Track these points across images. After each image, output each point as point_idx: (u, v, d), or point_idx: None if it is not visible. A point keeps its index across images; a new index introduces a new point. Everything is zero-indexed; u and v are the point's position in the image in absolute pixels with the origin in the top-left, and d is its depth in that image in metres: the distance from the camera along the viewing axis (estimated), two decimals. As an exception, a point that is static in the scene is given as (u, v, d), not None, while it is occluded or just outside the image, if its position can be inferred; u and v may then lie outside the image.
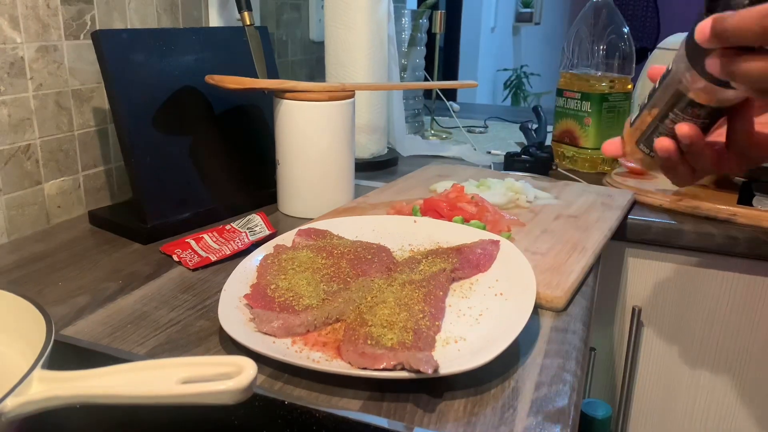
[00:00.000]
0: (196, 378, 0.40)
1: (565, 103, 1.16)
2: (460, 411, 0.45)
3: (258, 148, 0.91)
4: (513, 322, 0.51)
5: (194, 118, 0.85)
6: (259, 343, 0.50)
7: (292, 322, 0.52)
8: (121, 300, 0.62)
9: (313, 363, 0.48)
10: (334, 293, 0.56)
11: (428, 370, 0.44)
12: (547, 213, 0.83)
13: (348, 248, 0.64)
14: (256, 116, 0.93)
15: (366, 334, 0.50)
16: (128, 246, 0.76)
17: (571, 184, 0.97)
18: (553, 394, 0.48)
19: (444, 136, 1.43)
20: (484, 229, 0.71)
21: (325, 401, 0.46)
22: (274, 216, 0.86)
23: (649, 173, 1.04)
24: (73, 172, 0.84)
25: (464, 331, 0.52)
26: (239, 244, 0.72)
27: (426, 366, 0.44)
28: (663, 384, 0.96)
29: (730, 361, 0.91)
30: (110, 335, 0.55)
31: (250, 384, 0.38)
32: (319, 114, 0.82)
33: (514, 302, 0.55)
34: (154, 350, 0.53)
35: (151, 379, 0.39)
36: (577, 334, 0.57)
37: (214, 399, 0.38)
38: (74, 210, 0.85)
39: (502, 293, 0.57)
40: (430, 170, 1.04)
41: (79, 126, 0.84)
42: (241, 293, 0.57)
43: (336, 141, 0.84)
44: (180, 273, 0.68)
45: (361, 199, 0.88)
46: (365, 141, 1.12)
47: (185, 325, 0.57)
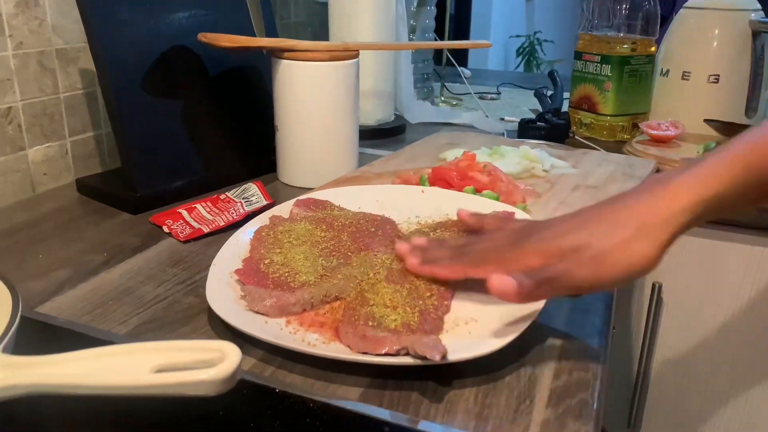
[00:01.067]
0: (172, 365, 0.35)
1: (584, 67, 1.09)
2: (471, 401, 0.41)
3: (255, 112, 0.86)
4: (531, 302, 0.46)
5: (187, 80, 0.79)
6: (250, 323, 0.46)
7: (287, 301, 0.48)
8: (105, 274, 0.57)
9: (308, 346, 0.43)
10: (333, 269, 0.51)
11: (435, 357, 0.39)
12: (565, 183, 0.78)
13: (350, 220, 0.59)
14: (253, 78, 0.87)
15: (367, 314, 0.45)
16: (117, 216, 0.71)
17: (589, 153, 0.91)
18: (574, 382, 0.43)
19: (454, 102, 1.36)
20: (497, 200, 0.66)
21: (321, 389, 0.42)
22: (273, 185, 0.81)
23: (673, 141, 0.98)
24: (59, 138, 0.79)
25: (475, 312, 0.47)
26: (234, 215, 0.68)
27: (433, 352, 0.40)
28: (682, 363, 0.91)
29: (755, 340, 0.86)
30: (90, 313, 0.51)
31: (233, 373, 0.34)
32: (320, 75, 0.76)
33: None
34: (137, 329, 0.48)
35: (120, 366, 0.35)
36: (600, 315, 0.52)
37: (192, 390, 0.33)
38: (62, 178, 0.81)
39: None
40: (440, 138, 0.98)
41: (65, 88, 0.79)
42: (232, 268, 0.52)
43: (339, 105, 0.78)
44: (170, 245, 0.63)
45: (366, 168, 0.82)
46: (370, 107, 1.06)
47: (172, 302, 0.53)
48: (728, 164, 0.41)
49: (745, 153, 0.41)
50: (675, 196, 0.41)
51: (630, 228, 0.41)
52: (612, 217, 0.42)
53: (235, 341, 0.46)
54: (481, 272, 0.45)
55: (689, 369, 0.91)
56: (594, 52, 1.07)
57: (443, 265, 0.48)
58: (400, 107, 1.17)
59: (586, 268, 0.41)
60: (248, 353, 0.45)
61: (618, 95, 1.05)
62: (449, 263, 0.48)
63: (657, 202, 0.42)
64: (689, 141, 0.98)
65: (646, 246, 0.40)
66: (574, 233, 0.43)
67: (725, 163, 0.41)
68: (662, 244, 0.41)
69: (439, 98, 1.37)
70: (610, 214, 0.43)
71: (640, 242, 0.41)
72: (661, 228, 0.41)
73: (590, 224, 0.43)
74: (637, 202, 0.42)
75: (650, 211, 0.41)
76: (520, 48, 3.34)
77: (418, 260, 0.50)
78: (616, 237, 0.41)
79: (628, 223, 0.41)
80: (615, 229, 0.41)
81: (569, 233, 0.43)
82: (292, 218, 0.61)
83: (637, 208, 0.42)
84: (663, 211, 0.41)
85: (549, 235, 0.44)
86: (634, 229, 0.41)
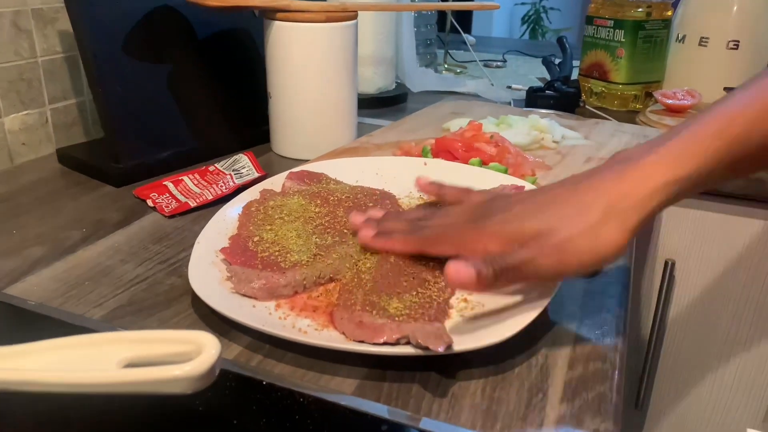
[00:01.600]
0: (143, 359, 0.31)
1: (596, 32, 1.04)
2: (478, 395, 0.37)
3: (247, 78, 0.81)
4: (541, 284, 0.42)
5: (173, 43, 0.74)
6: (236, 307, 0.42)
7: (277, 282, 0.44)
8: (83, 252, 0.53)
9: (299, 333, 0.39)
10: (327, 247, 0.47)
11: (439, 348, 0.35)
12: (576, 155, 0.73)
13: (347, 194, 0.55)
14: (244, 42, 0.81)
15: (365, 299, 0.41)
16: (99, 189, 0.67)
17: (601, 123, 0.87)
18: (591, 374, 0.39)
19: (458, 70, 1.30)
20: (505, 172, 0.61)
21: (313, 380, 0.38)
22: (266, 157, 0.77)
23: (688, 111, 0.93)
24: (38, 105, 0.74)
25: (483, 296, 0.43)
26: (223, 188, 0.63)
27: (437, 342, 0.36)
28: (694, 342, 0.88)
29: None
30: (64, 294, 0.47)
31: (211, 368, 0.30)
32: (316, 38, 0.71)
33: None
34: (114, 313, 0.44)
35: (84, 360, 0.31)
36: (616, 298, 0.48)
37: (164, 387, 0.30)
38: (42, 148, 0.76)
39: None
40: (443, 107, 0.93)
41: (42, 52, 0.74)
42: (218, 246, 0.48)
43: (336, 70, 0.73)
44: (154, 220, 0.59)
45: (365, 139, 0.78)
46: (370, 74, 1.01)
47: (153, 283, 0.48)
48: (707, 139, 0.37)
49: (725, 126, 0.37)
50: (646, 177, 0.37)
51: (597, 212, 0.37)
52: (577, 199, 0.38)
53: (220, 327, 0.43)
54: (437, 250, 0.43)
55: (701, 348, 0.88)
56: (606, 17, 1.01)
57: (397, 239, 0.45)
58: (401, 75, 1.11)
59: (550, 256, 0.37)
60: (234, 340, 0.41)
61: (631, 62, 0.99)
62: (403, 237, 0.45)
63: (626, 184, 0.38)
64: (706, 111, 0.93)
65: (614, 232, 0.37)
66: (536, 216, 0.39)
67: (702, 138, 0.37)
68: (631, 228, 0.37)
69: (442, 66, 1.31)
70: (575, 196, 0.39)
71: (607, 228, 0.37)
72: (630, 212, 0.37)
73: (554, 206, 0.39)
74: (605, 184, 0.38)
75: (619, 194, 0.37)
76: (525, 16, 3.25)
77: (371, 232, 0.46)
78: (582, 222, 0.37)
79: (595, 206, 0.37)
80: (581, 213, 0.38)
81: (532, 216, 0.39)
82: (285, 192, 0.57)
83: (605, 190, 0.38)
84: (633, 194, 0.37)
85: (510, 217, 0.40)
86: (602, 213, 0.37)
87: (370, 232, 0.46)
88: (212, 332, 0.41)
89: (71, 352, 0.31)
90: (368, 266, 0.45)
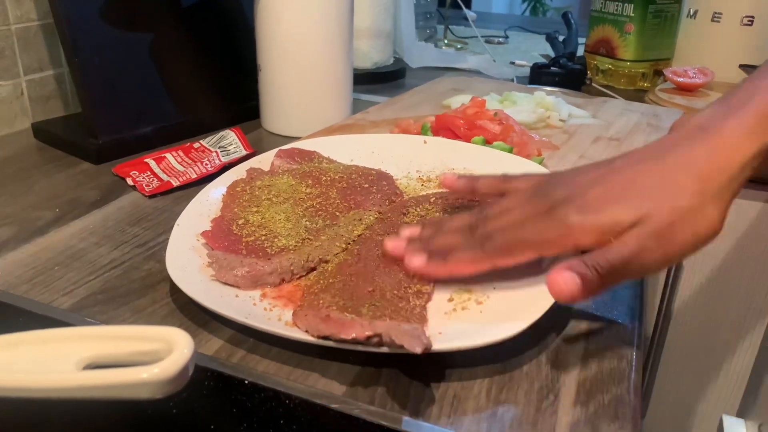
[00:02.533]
0: (106, 359, 0.27)
1: (603, 6, 0.99)
2: (482, 397, 0.33)
3: (235, 49, 0.76)
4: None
5: (155, 10, 0.69)
6: (217, 297, 0.38)
7: (262, 270, 0.40)
8: (54, 233, 0.49)
9: (285, 328, 0.36)
10: (317, 231, 0.43)
11: (416, 348, 0.31)
12: (584, 134, 0.69)
13: (340, 174, 0.51)
14: (233, 10, 0.76)
15: (332, 300, 0.37)
16: (76, 166, 0.63)
17: (609, 101, 0.82)
18: (606, 373, 0.36)
19: (459, 46, 1.25)
20: (510, 152, 0.57)
21: (301, 379, 0.34)
22: (256, 134, 0.72)
23: (700, 90, 0.89)
24: (12, 76, 0.70)
25: (485, 288, 0.40)
26: (208, 167, 0.59)
27: (413, 342, 0.31)
28: (698, 337, 0.85)
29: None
30: (30, 280, 0.43)
31: (182, 370, 0.26)
32: (309, 6, 0.66)
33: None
34: (83, 302, 0.41)
35: (40, 360, 0.27)
36: (630, 288, 0.44)
37: (129, 392, 0.26)
38: (17, 122, 0.71)
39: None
40: (444, 83, 0.89)
41: (16, 19, 0.69)
42: (199, 229, 0.44)
43: (330, 42, 0.68)
44: (133, 200, 0.55)
45: (360, 116, 0.73)
46: (367, 48, 0.96)
47: (129, 268, 0.45)
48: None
49: None
50: (735, 147, 0.33)
51: (692, 193, 0.33)
52: (668, 179, 0.34)
53: (199, 318, 0.39)
54: (516, 259, 0.37)
55: (706, 340, 0.85)
56: (615, -11, 0.96)
57: (461, 259, 0.38)
58: (399, 49, 1.06)
59: (653, 250, 0.33)
60: (215, 333, 0.38)
61: (640, 38, 0.95)
62: (468, 255, 0.37)
63: (716, 156, 0.34)
64: (718, 89, 0.89)
65: (712, 211, 0.33)
66: (626, 201, 0.34)
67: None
68: (727, 206, 0.33)
69: (442, 41, 1.26)
70: (664, 175, 0.34)
71: (706, 208, 0.33)
72: (725, 190, 0.33)
73: (643, 188, 0.34)
74: (695, 160, 0.34)
75: (711, 168, 0.33)
76: (526, -7, 3.18)
77: (422, 258, 0.39)
78: (680, 206, 0.33)
79: (689, 186, 0.33)
80: (676, 195, 0.33)
81: (620, 201, 0.34)
82: (273, 171, 0.53)
83: (696, 167, 0.34)
84: (726, 169, 0.33)
85: (590, 203, 0.35)
86: (698, 194, 0.33)
87: (421, 258, 0.38)
88: (191, 324, 0.38)
89: (25, 351, 0.27)
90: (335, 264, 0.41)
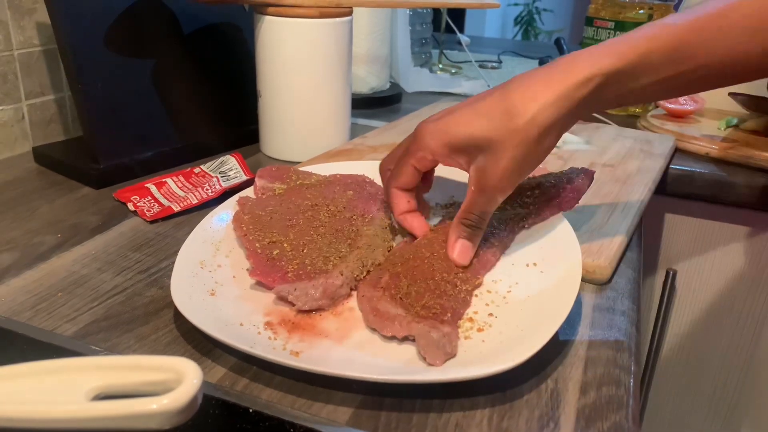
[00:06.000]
0: (115, 389, 0.28)
1: (595, 34, 1.01)
2: (484, 425, 0.34)
3: (235, 76, 0.77)
4: (553, 303, 0.39)
5: (157, 37, 0.70)
6: (222, 325, 0.38)
7: (334, 284, 0.41)
8: (57, 259, 0.50)
9: (289, 357, 0.36)
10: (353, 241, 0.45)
11: (436, 362, 0.34)
12: (578, 160, 0.71)
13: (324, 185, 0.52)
14: (233, 37, 0.78)
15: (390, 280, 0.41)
16: (76, 191, 0.63)
17: (602, 127, 0.84)
18: (605, 400, 0.36)
19: (454, 71, 1.27)
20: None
21: (305, 407, 0.35)
22: (255, 158, 0.73)
23: (691, 116, 0.90)
24: (13, 101, 0.70)
25: (487, 315, 0.40)
26: (209, 192, 0.60)
27: (435, 355, 0.35)
28: (691, 358, 0.86)
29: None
30: (33, 307, 0.43)
31: (192, 400, 0.27)
32: (308, 34, 0.67)
33: (552, 275, 0.43)
34: (87, 329, 0.41)
35: (49, 390, 0.27)
36: (627, 315, 0.45)
37: (139, 423, 0.26)
38: (18, 146, 0.72)
39: (536, 263, 0.45)
40: (439, 108, 0.90)
41: (19, 44, 0.70)
42: (201, 256, 0.45)
43: (329, 69, 0.69)
44: (134, 225, 0.56)
45: (359, 140, 0.74)
46: (364, 73, 0.97)
47: (132, 294, 0.45)
48: (640, 40, 0.39)
49: (658, 32, 0.39)
50: (571, 71, 0.38)
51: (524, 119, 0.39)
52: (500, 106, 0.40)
53: (203, 345, 0.39)
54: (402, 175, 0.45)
55: (698, 365, 0.85)
56: (607, 18, 0.98)
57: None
58: (395, 74, 1.08)
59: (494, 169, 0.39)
60: (218, 360, 0.38)
61: (631, 65, 0.97)
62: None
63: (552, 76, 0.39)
64: (708, 116, 0.91)
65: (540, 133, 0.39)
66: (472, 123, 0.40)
67: (634, 39, 0.39)
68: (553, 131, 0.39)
69: (437, 65, 1.28)
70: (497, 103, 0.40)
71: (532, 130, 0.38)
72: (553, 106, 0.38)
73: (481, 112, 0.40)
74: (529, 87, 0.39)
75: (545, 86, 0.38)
76: (518, 17, 3.23)
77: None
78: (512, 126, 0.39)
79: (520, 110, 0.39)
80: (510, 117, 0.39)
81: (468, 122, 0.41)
82: (262, 193, 0.52)
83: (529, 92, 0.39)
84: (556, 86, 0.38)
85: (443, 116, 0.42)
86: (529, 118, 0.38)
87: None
88: (194, 351, 0.39)
89: (33, 381, 0.28)
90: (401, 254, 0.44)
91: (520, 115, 0.38)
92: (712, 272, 0.81)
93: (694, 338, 0.85)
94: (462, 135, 0.40)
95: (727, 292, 0.81)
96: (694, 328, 0.84)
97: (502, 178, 0.39)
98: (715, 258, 0.80)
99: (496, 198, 0.41)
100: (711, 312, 0.83)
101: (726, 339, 0.83)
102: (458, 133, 0.40)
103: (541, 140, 0.38)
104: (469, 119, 0.40)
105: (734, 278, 0.80)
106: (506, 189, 0.41)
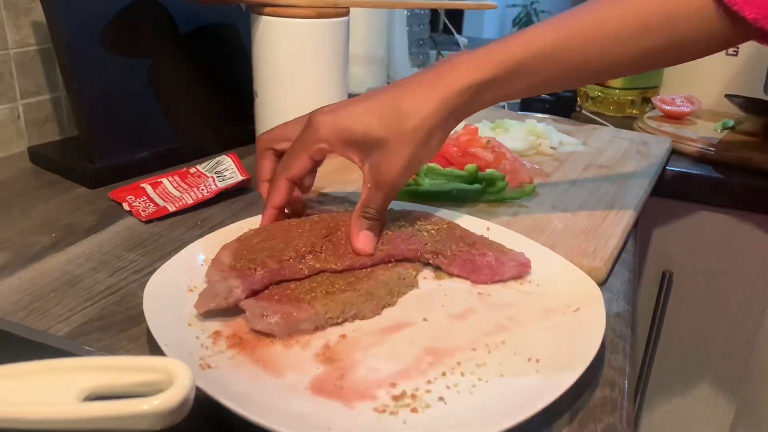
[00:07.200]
0: (106, 390, 0.28)
1: (592, 35, 1.01)
2: (478, 427, 0.34)
3: (232, 76, 0.77)
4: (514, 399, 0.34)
5: (154, 37, 0.70)
6: (168, 320, 0.38)
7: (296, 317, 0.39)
8: (51, 259, 0.49)
9: (197, 368, 0.31)
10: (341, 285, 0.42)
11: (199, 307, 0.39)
12: (575, 162, 0.71)
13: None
14: (230, 37, 0.78)
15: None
16: (72, 191, 0.63)
17: (599, 129, 0.84)
18: (598, 403, 0.36)
19: (450, 72, 1.27)
20: (502, 180, 0.58)
21: (298, 408, 0.34)
22: (251, 159, 0.72)
23: (687, 118, 0.91)
24: (9, 100, 0.70)
25: (437, 398, 0.34)
26: (204, 192, 0.60)
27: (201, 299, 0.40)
28: (687, 360, 0.86)
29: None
30: (26, 307, 0.43)
31: (183, 401, 0.26)
32: (305, 34, 0.67)
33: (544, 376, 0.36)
34: (80, 329, 0.41)
35: (39, 390, 0.27)
36: (623, 317, 0.45)
37: (130, 424, 0.26)
38: (13, 145, 0.72)
39: (538, 360, 0.37)
40: (436, 109, 0.90)
41: (15, 43, 0.70)
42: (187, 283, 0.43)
43: (326, 69, 0.69)
44: (129, 225, 0.56)
45: (355, 141, 0.74)
46: (361, 73, 0.97)
47: (125, 295, 0.45)
48: (513, 48, 0.43)
49: (531, 40, 0.43)
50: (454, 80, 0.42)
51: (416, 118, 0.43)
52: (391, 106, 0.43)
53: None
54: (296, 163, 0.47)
55: (695, 368, 0.85)
56: (604, 19, 0.98)
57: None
58: (392, 75, 1.08)
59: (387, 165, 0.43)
60: (212, 361, 0.38)
61: (628, 67, 0.97)
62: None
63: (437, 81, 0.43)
64: (704, 118, 0.91)
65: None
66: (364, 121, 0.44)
67: (508, 47, 0.43)
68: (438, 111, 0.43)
69: (434, 67, 1.28)
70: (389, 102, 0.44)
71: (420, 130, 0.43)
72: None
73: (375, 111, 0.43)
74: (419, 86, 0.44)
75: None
76: (516, 18, 3.23)
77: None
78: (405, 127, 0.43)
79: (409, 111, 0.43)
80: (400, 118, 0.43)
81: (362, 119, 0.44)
82: None
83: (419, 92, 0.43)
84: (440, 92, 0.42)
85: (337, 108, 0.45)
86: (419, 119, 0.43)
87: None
88: (188, 353, 0.39)
89: (24, 381, 0.28)
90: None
91: (410, 119, 0.42)
92: (708, 274, 0.81)
93: (690, 340, 0.85)
94: (359, 132, 0.43)
95: (724, 293, 0.81)
96: (690, 330, 0.84)
97: (396, 174, 0.43)
98: (711, 260, 0.80)
99: (391, 192, 0.45)
100: (707, 314, 0.83)
101: (722, 341, 0.83)
102: (356, 131, 0.43)
103: (428, 141, 0.43)
104: (366, 118, 0.43)
105: (730, 280, 0.80)
106: (400, 184, 0.44)
